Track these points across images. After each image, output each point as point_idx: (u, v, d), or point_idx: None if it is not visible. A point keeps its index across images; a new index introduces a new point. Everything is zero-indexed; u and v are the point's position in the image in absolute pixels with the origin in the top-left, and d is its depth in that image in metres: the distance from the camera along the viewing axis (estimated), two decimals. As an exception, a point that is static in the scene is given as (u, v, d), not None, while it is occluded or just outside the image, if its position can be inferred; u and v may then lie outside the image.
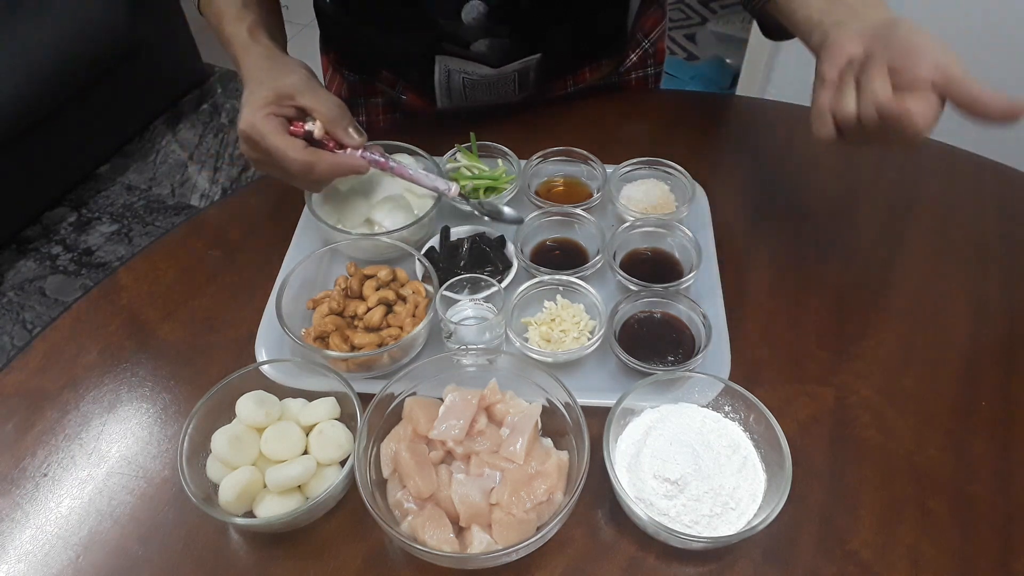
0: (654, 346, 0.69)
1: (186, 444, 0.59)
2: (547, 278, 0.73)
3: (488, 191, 0.85)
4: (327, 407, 0.63)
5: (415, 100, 0.98)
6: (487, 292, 0.71)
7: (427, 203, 0.81)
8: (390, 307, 0.72)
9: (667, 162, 0.85)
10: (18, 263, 2.02)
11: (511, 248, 0.78)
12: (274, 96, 0.70)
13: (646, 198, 0.83)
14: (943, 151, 0.93)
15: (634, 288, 0.73)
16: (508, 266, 0.77)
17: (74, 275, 1.99)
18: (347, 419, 0.63)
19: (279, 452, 0.60)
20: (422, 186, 0.77)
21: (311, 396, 0.65)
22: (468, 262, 0.77)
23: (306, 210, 0.83)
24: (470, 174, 0.86)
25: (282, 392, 0.65)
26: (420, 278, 0.74)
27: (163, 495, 0.63)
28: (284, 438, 0.60)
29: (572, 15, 0.88)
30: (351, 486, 0.61)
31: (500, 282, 0.73)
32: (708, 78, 2.41)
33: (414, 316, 0.70)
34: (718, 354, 0.69)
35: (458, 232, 0.81)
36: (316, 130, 0.71)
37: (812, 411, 0.68)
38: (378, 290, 0.71)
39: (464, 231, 0.81)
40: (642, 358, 0.66)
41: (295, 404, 0.64)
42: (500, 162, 0.88)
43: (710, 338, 0.68)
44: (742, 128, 1.02)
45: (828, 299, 0.77)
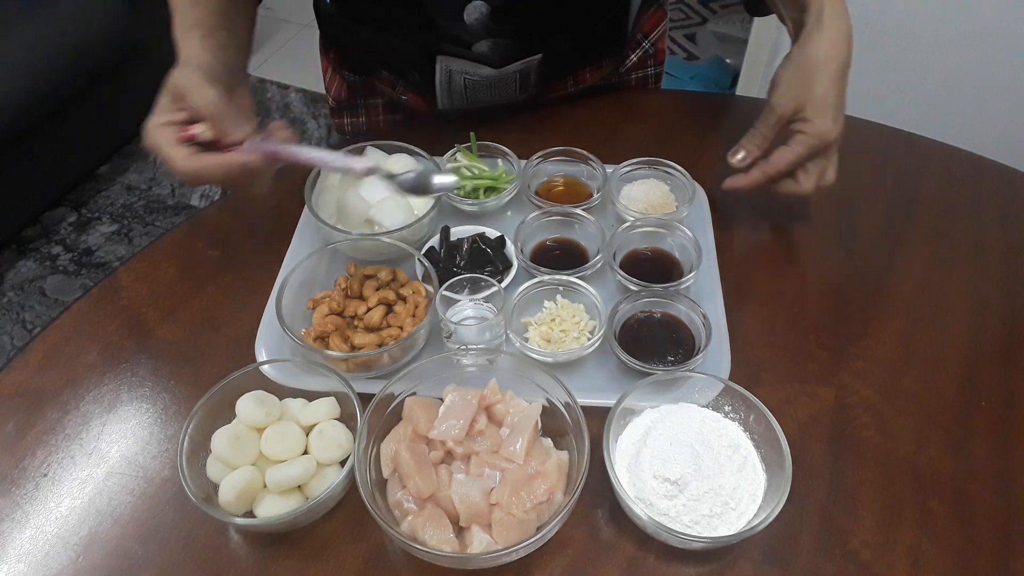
0: (654, 346, 0.69)
1: (186, 444, 0.59)
2: (547, 278, 0.73)
3: (488, 191, 0.85)
4: (327, 407, 0.63)
5: (416, 101, 0.98)
6: (487, 292, 0.71)
7: (427, 203, 0.81)
8: (390, 307, 0.72)
9: (667, 162, 0.85)
10: (18, 263, 2.03)
11: (511, 248, 0.78)
12: (168, 100, 0.65)
13: (646, 198, 0.83)
14: (943, 151, 0.93)
15: (634, 288, 0.73)
16: (508, 266, 0.77)
17: (74, 275, 2.00)
18: (347, 419, 0.63)
19: (279, 452, 0.60)
20: (333, 169, 0.70)
21: (311, 396, 0.65)
22: (468, 262, 0.77)
23: (306, 210, 0.83)
24: (470, 174, 0.86)
25: (282, 392, 0.65)
26: (420, 278, 0.74)
27: (163, 495, 0.63)
28: (284, 438, 0.60)
29: (573, 16, 0.88)
30: (351, 486, 0.61)
31: (500, 282, 0.73)
32: (708, 78, 2.41)
33: (414, 316, 0.70)
34: (718, 354, 0.69)
35: (458, 232, 0.81)
36: (204, 132, 0.64)
37: (812, 411, 0.68)
38: (378, 290, 0.71)
39: (464, 231, 0.81)
40: (642, 358, 0.66)
41: (295, 404, 0.64)
42: (500, 162, 0.88)
43: (710, 338, 0.68)
44: (742, 128, 1.02)
45: (828, 299, 0.77)
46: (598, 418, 0.61)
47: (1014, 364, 0.71)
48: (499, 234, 0.80)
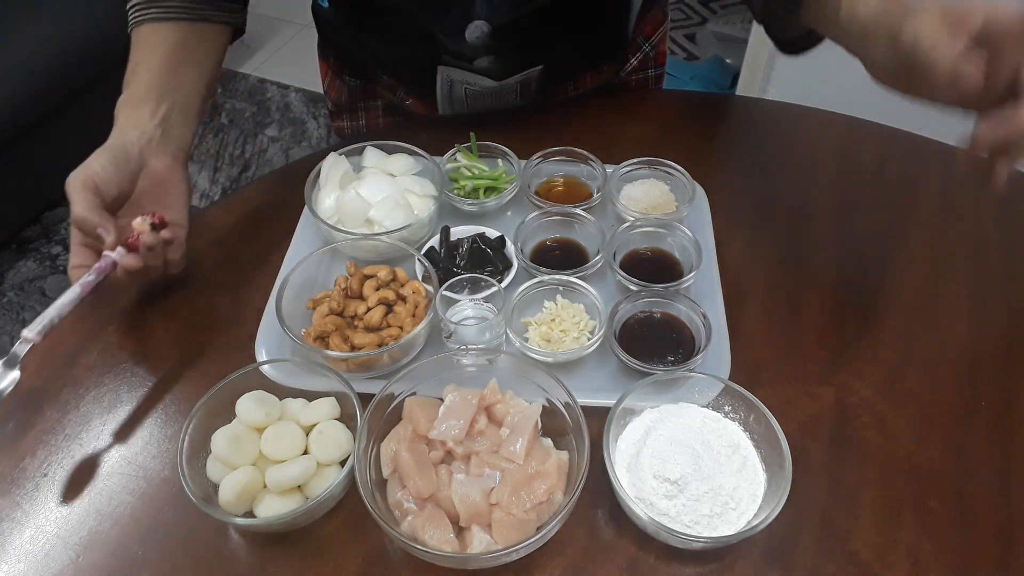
0: (654, 346, 0.69)
1: (186, 444, 0.59)
2: (547, 278, 0.73)
3: (488, 191, 0.85)
4: (327, 407, 0.63)
5: (416, 105, 0.98)
6: (487, 292, 0.71)
7: (427, 203, 0.81)
8: (390, 307, 0.72)
9: (667, 162, 0.85)
10: (18, 263, 2.03)
11: (511, 248, 0.78)
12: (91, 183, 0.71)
13: (646, 198, 0.83)
14: (943, 151, 0.93)
15: (634, 288, 0.73)
16: (508, 266, 0.77)
17: (74, 275, 1.99)
18: (347, 419, 0.63)
19: (279, 452, 0.60)
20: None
21: (311, 396, 0.65)
22: (468, 262, 0.77)
23: (306, 210, 0.83)
24: (470, 174, 0.86)
25: (282, 392, 0.65)
26: (420, 278, 0.74)
27: (163, 495, 0.63)
28: (284, 438, 0.60)
29: (575, 29, 0.88)
30: (351, 486, 0.61)
31: (500, 282, 0.73)
32: (708, 78, 2.41)
33: (414, 316, 0.70)
34: (718, 354, 0.69)
35: (458, 232, 0.81)
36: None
37: (812, 411, 0.68)
38: (378, 290, 0.71)
39: (464, 231, 0.81)
40: (642, 358, 0.66)
41: (295, 404, 0.64)
42: (500, 162, 0.88)
43: (710, 338, 0.68)
44: (742, 128, 1.02)
45: (828, 299, 0.77)
46: (598, 418, 0.61)
47: (1014, 364, 0.71)
48: (499, 234, 0.80)
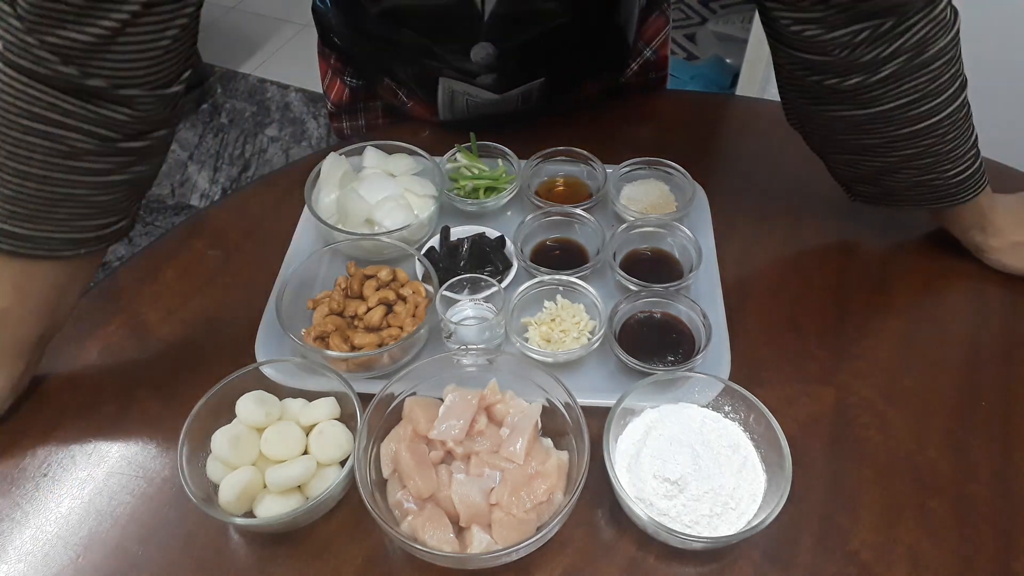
0: (654, 346, 0.69)
1: (186, 444, 0.59)
2: (547, 278, 0.73)
3: (488, 191, 0.85)
4: (327, 407, 0.63)
5: (417, 109, 0.98)
6: (487, 292, 0.71)
7: (427, 203, 0.81)
8: (390, 307, 0.72)
9: (667, 162, 0.85)
10: None
11: (511, 248, 0.78)
12: None
13: (646, 198, 0.83)
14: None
15: (634, 288, 0.73)
16: (508, 266, 0.77)
17: (74, 275, 1.99)
18: (347, 419, 0.63)
19: (279, 452, 0.60)
20: None
21: (311, 396, 0.65)
22: (468, 262, 0.77)
23: (306, 210, 0.83)
24: (470, 174, 0.86)
25: (282, 392, 0.65)
26: (420, 278, 0.74)
27: (163, 495, 0.63)
28: (284, 438, 0.60)
29: (578, 45, 0.88)
30: (351, 486, 0.61)
31: (500, 282, 0.73)
32: (708, 78, 2.41)
33: (414, 316, 0.70)
34: (718, 354, 0.69)
35: (458, 232, 0.81)
36: None
37: (812, 411, 0.68)
38: (378, 290, 0.71)
39: (464, 231, 0.81)
40: (642, 358, 0.66)
41: (295, 404, 0.64)
42: (500, 162, 0.88)
43: (710, 338, 0.68)
44: (742, 128, 1.02)
45: (828, 299, 0.77)
46: (598, 418, 0.61)
47: (1014, 364, 0.71)
48: (499, 234, 0.80)
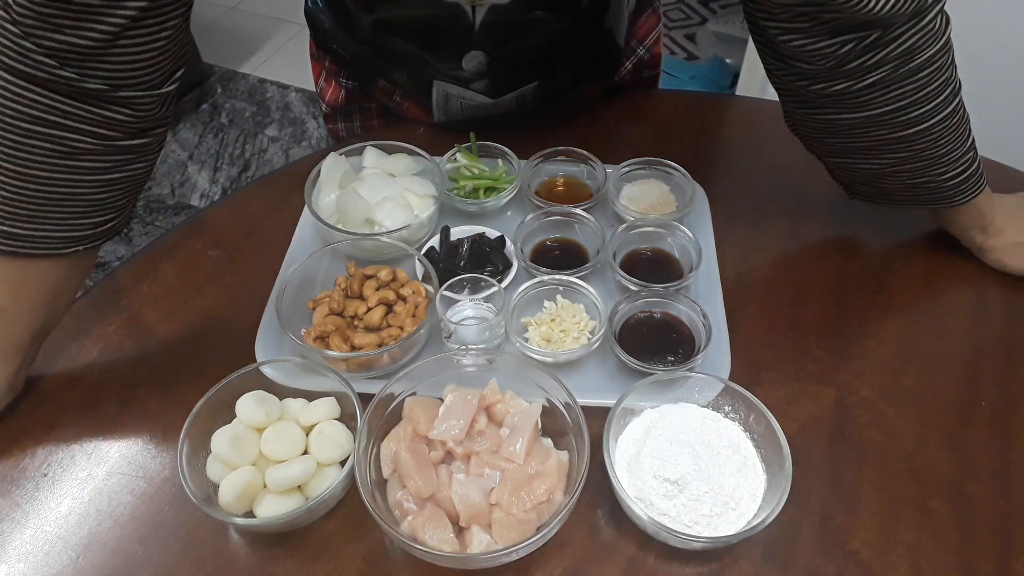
0: (654, 346, 0.69)
1: (186, 444, 0.59)
2: (547, 278, 0.73)
3: (488, 191, 0.85)
4: (327, 407, 0.63)
5: (412, 111, 0.98)
6: (487, 292, 0.71)
7: (427, 203, 0.81)
8: (390, 307, 0.72)
9: (667, 162, 0.85)
10: None
11: (511, 248, 0.78)
12: None
13: (646, 198, 0.83)
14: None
15: (634, 288, 0.73)
16: (508, 266, 0.77)
17: (74, 275, 1.99)
18: (347, 419, 0.63)
19: (279, 452, 0.60)
20: None
21: (311, 396, 0.65)
22: (468, 262, 0.77)
23: (306, 210, 0.83)
24: (470, 174, 0.86)
25: (282, 392, 0.65)
26: (420, 278, 0.74)
27: (163, 495, 0.63)
28: (284, 438, 0.60)
29: (571, 51, 0.88)
30: (351, 486, 0.61)
31: (500, 282, 0.73)
32: (708, 78, 2.40)
33: (414, 316, 0.70)
34: (718, 354, 0.69)
35: (458, 232, 0.81)
36: None
37: (812, 411, 0.68)
38: (378, 290, 0.71)
39: (464, 231, 0.81)
40: (642, 358, 0.66)
41: (295, 404, 0.64)
42: (500, 162, 0.88)
43: (710, 338, 0.68)
44: (742, 128, 1.02)
45: (828, 299, 0.77)
46: (598, 418, 0.61)
47: (1014, 364, 0.71)
48: (499, 234, 0.80)
